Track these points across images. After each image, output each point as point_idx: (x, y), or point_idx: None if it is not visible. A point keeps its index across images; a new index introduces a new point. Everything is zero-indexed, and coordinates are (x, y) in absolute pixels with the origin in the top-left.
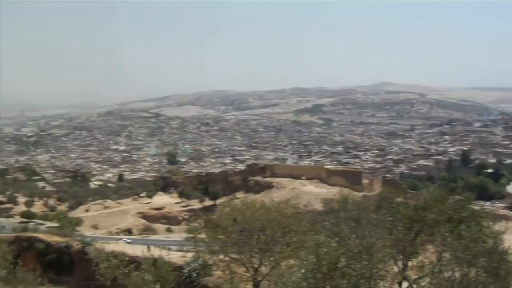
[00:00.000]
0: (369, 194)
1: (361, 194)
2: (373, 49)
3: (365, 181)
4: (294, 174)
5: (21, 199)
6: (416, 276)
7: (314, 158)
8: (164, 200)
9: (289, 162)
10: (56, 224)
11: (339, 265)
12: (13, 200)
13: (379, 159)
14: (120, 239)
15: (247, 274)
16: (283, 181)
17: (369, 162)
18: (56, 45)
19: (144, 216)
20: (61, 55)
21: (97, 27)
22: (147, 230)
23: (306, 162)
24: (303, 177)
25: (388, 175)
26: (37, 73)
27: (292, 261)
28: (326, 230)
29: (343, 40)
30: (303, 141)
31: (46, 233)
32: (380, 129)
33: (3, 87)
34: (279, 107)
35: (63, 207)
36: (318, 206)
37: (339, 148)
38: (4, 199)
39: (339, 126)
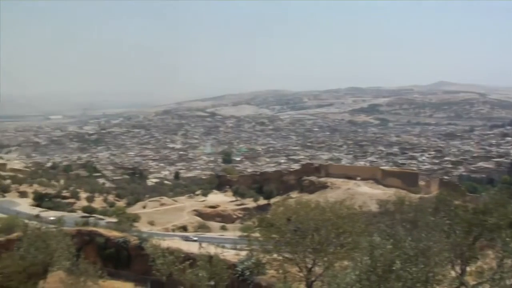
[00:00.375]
0: (426, 196)
1: (418, 196)
2: (431, 48)
3: (421, 183)
4: (349, 175)
5: (83, 195)
6: (475, 282)
7: (369, 158)
8: (219, 198)
9: (344, 162)
10: (114, 220)
11: (394, 268)
12: (75, 195)
13: (437, 161)
14: (188, 237)
15: (300, 274)
16: (338, 181)
17: (426, 164)
18: (116, 46)
19: (199, 213)
20: (121, 56)
21: (155, 28)
22: (202, 227)
23: (361, 163)
24: (358, 178)
25: (446, 177)
26: (98, 73)
27: (346, 262)
28: (381, 231)
29: (400, 39)
30: (359, 141)
31: (105, 228)
32: (437, 129)
33: (67, 87)
34: (335, 106)
35: (121, 203)
36: (373, 207)
37: (395, 149)
38: (67, 194)
39: (395, 126)
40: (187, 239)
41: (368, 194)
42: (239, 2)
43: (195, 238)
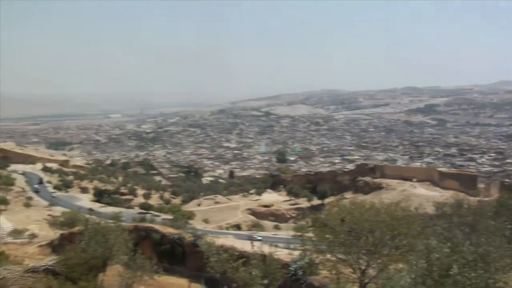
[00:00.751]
0: (485, 199)
1: (476, 199)
2: (493, 47)
3: (480, 185)
4: (405, 176)
5: (140, 192)
6: None
7: (426, 159)
8: (273, 198)
9: (399, 163)
10: (170, 217)
11: (451, 272)
12: (133, 192)
13: (497, 163)
14: (252, 236)
15: (354, 275)
16: (393, 182)
17: (486, 166)
18: (173, 47)
19: (252, 212)
20: (178, 56)
21: (213, 29)
22: (255, 226)
23: (417, 164)
24: (414, 179)
25: (507, 180)
26: (156, 73)
27: (400, 265)
28: (438, 234)
29: (459, 37)
30: (415, 142)
31: (161, 224)
32: (498, 130)
33: (129, 87)
34: (390, 106)
35: (177, 200)
36: (430, 209)
37: (453, 150)
38: (125, 191)
39: (453, 127)
40: (251, 238)
41: (424, 196)
42: (296, 3)
43: (259, 238)
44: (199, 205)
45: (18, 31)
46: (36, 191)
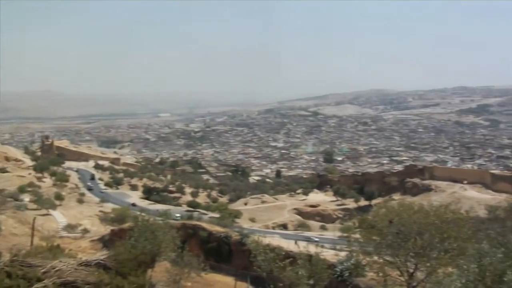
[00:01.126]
0: None
1: None
2: None
3: None
4: (455, 178)
5: (188, 190)
6: None
7: (477, 161)
8: (319, 198)
9: (449, 164)
10: (217, 215)
11: (505, 278)
12: (181, 190)
13: None
14: (309, 238)
15: (401, 278)
16: (443, 184)
17: None
18: (223, 47)
19: (299, 212)
20: (226, 56)
21: (260, 28)
22: (302, 226)
23: (468, 166)
24: (465, 181)
25: None
26: (204, 73)
27: (450, 269)
28: (490, 239)
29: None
30: (466, 143)
31: (208, 222)
32: None
33: (176, 87)
34: (441, 107)
35: (224, 199)
36: (482, 212)
37: (507, 152)
38: (173, 189)
39: (507, 128)
40: (309, 239)
41: (476, 198)
42: (341, 2)
43: (317, 239)
44: (246, 204)
45: (61, 31)
46: (90, 189)
